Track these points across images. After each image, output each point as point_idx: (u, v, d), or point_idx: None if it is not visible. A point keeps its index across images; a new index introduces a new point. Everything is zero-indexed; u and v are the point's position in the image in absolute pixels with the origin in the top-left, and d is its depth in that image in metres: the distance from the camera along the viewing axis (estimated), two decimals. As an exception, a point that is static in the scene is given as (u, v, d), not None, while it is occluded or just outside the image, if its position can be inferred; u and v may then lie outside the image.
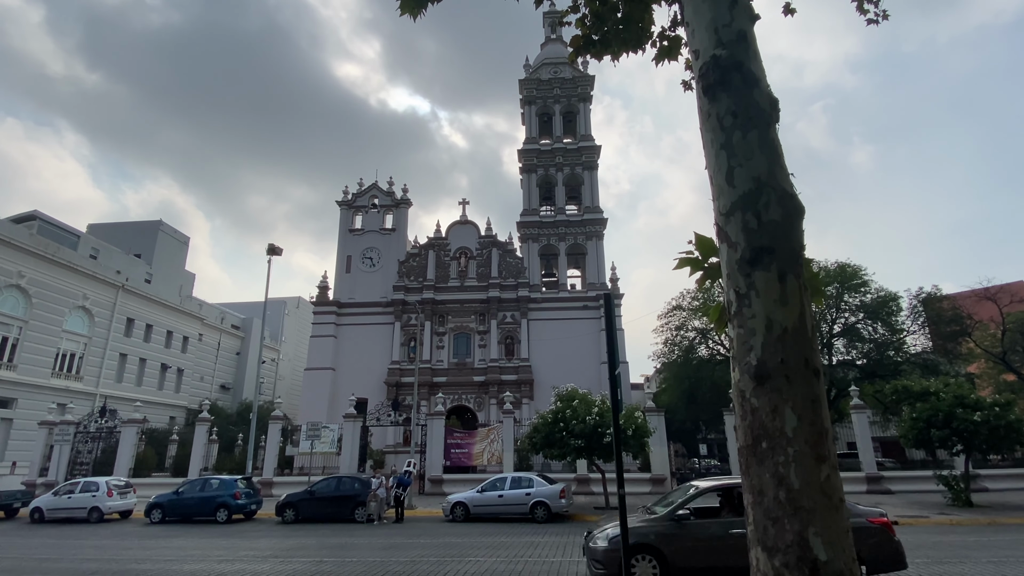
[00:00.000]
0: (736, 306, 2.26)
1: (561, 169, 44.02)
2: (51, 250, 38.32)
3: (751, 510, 2.15)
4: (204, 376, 55.56)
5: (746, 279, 2.23)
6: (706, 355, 37.45)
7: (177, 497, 20.41)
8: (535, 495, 17.73)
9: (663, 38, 3.81)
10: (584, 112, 45.47)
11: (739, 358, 2.22)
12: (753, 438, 2.14)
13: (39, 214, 43.50)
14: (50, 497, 21.28)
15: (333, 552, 13.11)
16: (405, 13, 5.23)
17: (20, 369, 35.78)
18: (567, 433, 19.67)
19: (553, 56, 47.30)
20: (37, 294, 36.99)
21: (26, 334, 36.36)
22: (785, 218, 2.26)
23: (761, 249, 2.22)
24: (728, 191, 2.34)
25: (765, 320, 2.16)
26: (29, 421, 33.77)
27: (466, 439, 28.67)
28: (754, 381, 2.15)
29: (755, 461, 2.13)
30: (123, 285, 43.96)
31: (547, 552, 12.43)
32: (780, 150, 2.40)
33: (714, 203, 2.46)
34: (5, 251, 35.10)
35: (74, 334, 40.14)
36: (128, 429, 29.15)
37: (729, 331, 2.32)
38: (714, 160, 2.43)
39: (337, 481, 20.44)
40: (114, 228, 53.31)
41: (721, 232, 2.37)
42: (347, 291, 41.98)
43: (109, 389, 41.69)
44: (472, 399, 38.82)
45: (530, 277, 41.25)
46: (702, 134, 2.54)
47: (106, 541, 15.66)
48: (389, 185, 44.90)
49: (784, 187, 2.31)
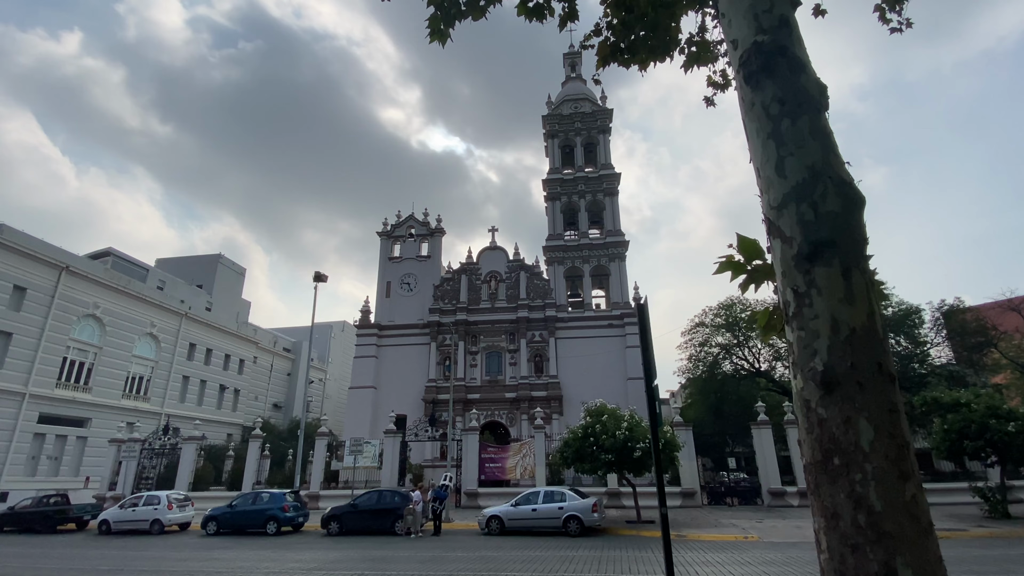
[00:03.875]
0: (795, 307, 1.91)
1: (583, 196, 43.90)
2: (123, 283, 39.76)
3: (824, 536, 1.78)
4: (258, 396, 56.39)
5: (805, 276, 1.89)
6: (730, 370, 36.18)
7: (231, 510, 20.38)
8: (568, 509, 17.05)
9: (691, 44, 3.54)
10: (604, 143, 45.41)
11: (801, 364, 1.87)
12: (823, 453, 1.78)
13: (113, 251, 45.34)
14: (116, 510, 21.53)
15: (374, 565, 12.74)
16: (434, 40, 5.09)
17: (95, 391, 36.91)
18: (597, 448, 18.97)
19: (573, 93, 47.61)
20: (110, 323, 38.31)
21: (100, 359, 37.57)
22: (845, 208, 1.93)
23: (820, 243, 1.88)
24: (779, 183, 2.02)
25: (830, 320, 1.82)
26: (101, 439, 34.65)
27: (500, 453, 28.08)
28: (821, 389, 1.80)
29: (826, 480, 1.76)
30: (186, 313, 45.23)
31: (582, 567, 11.80)
32: (833, 137, 2.08)
33: (762, 197, 2.14)
34: (83, 284, 36.56)
35: (142, 358, 41.32)
36: (188, 446, 29.53)
37: (787, 335, 1.98)
38: (761, 151, 2.11)
39: (378, 495, 20.12)
40: (179, 262, 55.19)
41: (772, 227, 2.04)
42: (387, 315, 42.28)
43: (173, 408, 42.62)
44: (504, 415, 38.28)
45: (556, 298, 40.92)
46: (745, 125, 2.23)
47: (163, 553, 15.63)
48: (424, 216, 45.45)
49: (841, 175, 1.98)
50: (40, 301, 33.75)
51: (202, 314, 47.84)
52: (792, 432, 25.69)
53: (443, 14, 4.22)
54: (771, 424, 26.12)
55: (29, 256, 33.28)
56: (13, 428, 31.64)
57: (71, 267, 35.62)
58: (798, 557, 12.37)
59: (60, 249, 35.75)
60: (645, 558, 12.69)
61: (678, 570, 11.25)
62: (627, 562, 12.23)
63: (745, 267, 2.51)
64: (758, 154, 2.13)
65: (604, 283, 42.87)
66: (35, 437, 33.27)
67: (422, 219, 45.31)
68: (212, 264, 55.14)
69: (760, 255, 2.42)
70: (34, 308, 33.37)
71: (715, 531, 16.66)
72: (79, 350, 36.32)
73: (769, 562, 11.84)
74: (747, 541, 15.10)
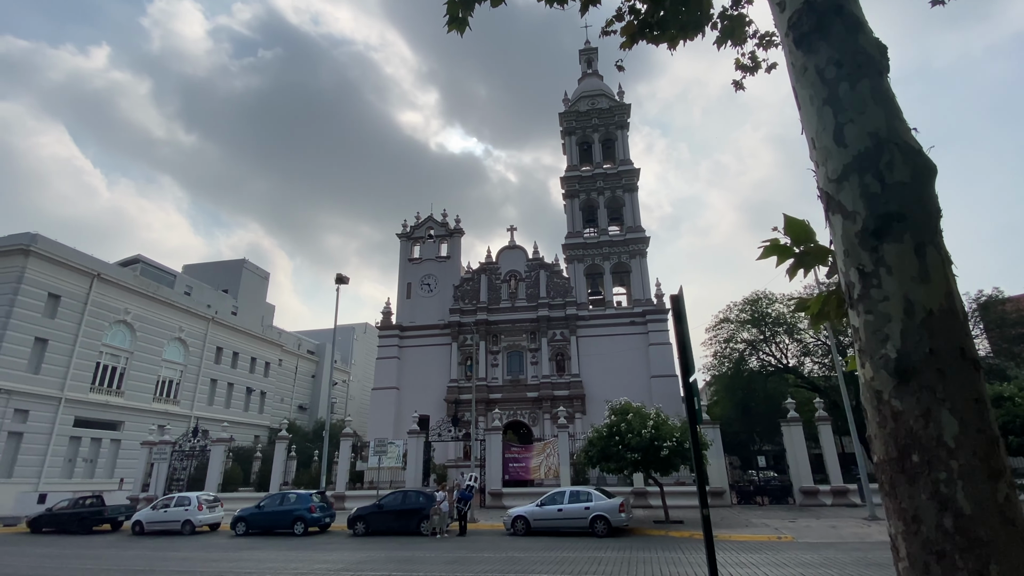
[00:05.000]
0: (860, 288, 1.73)
1: (602, 193, 43.50)
2: (152, 289, 40.73)
3: (902, 542, 1.59)
4: (284, 398, 57.26)
5: (872, 254, 1.71)
6: (757, 367, 35.41)
7: (259, 511, 20.65)
8: (594, 509, 16.82)
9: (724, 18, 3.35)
10: (622, 138, 44.92)
11: (870, 351, 1.69)
12: (899, 450, 1.59)
13: (142, 257, 46.49)
14: (149, 511, 21.99)
15: (400, 566, 12.72)
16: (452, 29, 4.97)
17: (127, 395, 37.88)
18: (623, 447, 18.70)
19: (590, 89, 47.22)
20: (141, 328, 39.27)
21: (131, 363, 38.55)
22: (914, 178, 1.74)
23: (889, 216, 1.70)
24: (838, 152, 1.84)
25: (902, 302, 1.63)
26: (134, 441, 35.55)
27: (523, 453, 27.94)
28: (895, 378, 1.61)
29: (904, 479, 1.58)
30: (213, 318, 46.14)
31: (611, 568, 11.59)
32: (896, 101, 1.89)
33: (817, 170, 1.96)
34: (114, 291, 37.55)
35: (172, 362, 42.27)
36: (217, 447, 30.07)
37: (852, 320, 1.79)
38: (816, 119, 1.93)
39: (403, 495, 20.17)
40: (204, 267, 56.33)
41: (832, 201, 1.85)
42: (408, 316, 42.51)
43: (201, 411, 43.51)
44: (527, 414, 38.15)
45: (577, 296, 40.63)
46: (796, 92, 2.05)
47: (194, 553, 15.88)
48: (443, 217, 45.60)
49: (908, 142, 1.79)
50: (73, 308, 34.75)
51: (228, 318, 48.76)
52: (824, 429, 25.01)
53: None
54: (801, 421, 25.46)
55: (62, 265, 34.30)
56: (50, 432, 32.64)
57: (102, 274, 36.60)
58: (836, 558, 11.96)
59: (91, 257, 36.77)
60: (676, 559, 12.42)
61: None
62: (658, 563, 11.98)
63: (792, 251, 2.32)
64: (812, 123, 1.95)
65: (625, 280, 42.45)
66: (71, 440, 34.27)
67: (441, 220, 45.46)
68: (237, 269, 56.17)
69: (810, 237, 2.24)
70: (68, 315, 34.38)
71: (747, 531, 16.26)
72: (111, 355, 37.32)
73: (806, 563, 11.47)
74: (781, 541, 14.69)
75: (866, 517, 18.70)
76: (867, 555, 12.28)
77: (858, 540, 14.50)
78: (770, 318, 34.00)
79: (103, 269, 37.12)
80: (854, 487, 23.40)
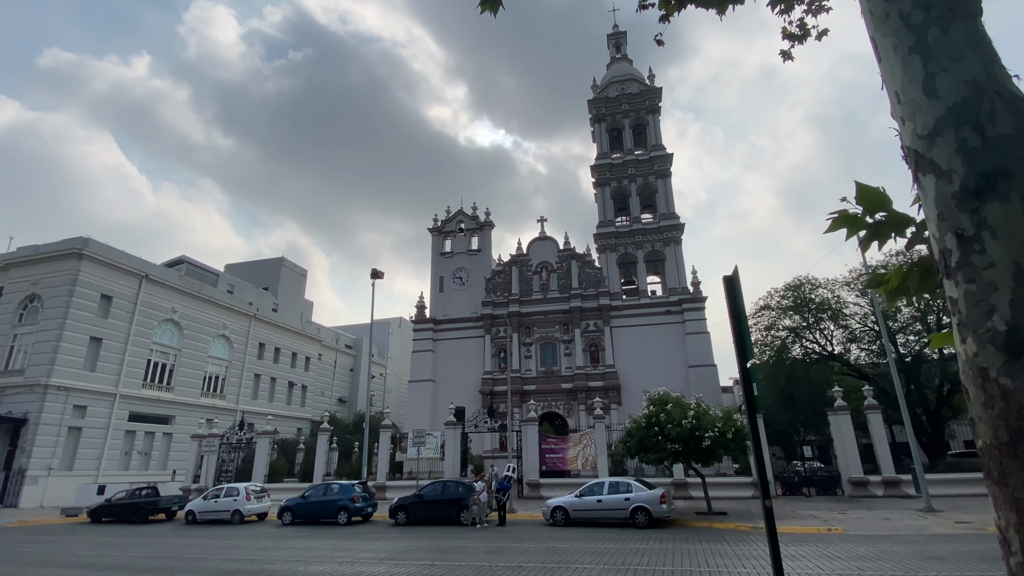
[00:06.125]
0: (959, 255, 1.55)
1: (634, 180, 42.73)
2: (197, 288, 42.28)
3: (1015, 535, 1.43)
4: (324, 391, 58.77)
5: (972, 216, 1.53)
6: (800, 354, 34.31)
7: (304, 501, 21.25)
8: (635, 500, 16.63)
9: (778, -22, 3.13)
10: (654, 123, 43.95)
11: (972, 324, 1.52)
12: (1010, 434, 1.43)
13: (186, 258, 48.28)
14: (200, 501, 22.92)
15: (442, 555, 12.86)
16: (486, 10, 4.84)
17: (176, 390, 39.53)
18: (663, 437, 18.41)
19: (619, 74, 46.33)
20: (187, 326, 40.85)
21: (180, 360, 40.18)
22: (1020, 129, 1.55)
23: (992, 173, 1.51)
24: (929, 105, 1.65)
25: (1011, 268, 1.46)
26: (184, 435, 37.14)
27: (560, 444, 27.90)
28: (1004, 353, 1.44)
29: (1016, 465, 1.42)
30: (255, 315, 47.62)
31: (655, 560, 11.43)
32: (993, 46, 1.69)
33: (902, 127, 1.77)
34: (162, 291, 39.15)
35: (217, 359, 43.88)
36: (263, 440, 31.10)
37: (948, 291, 1.62)
38: (901, 70, 1.75)
39: (443, 485, 20.42)
40: (245, 266, 58.11)
41: (922, 160, 1.67)
42: (441, 309, 42.90)
43: (246, 405, 45.07)
44: (561, 405, 38.07)
45: (610, 286, 40.17)
46: (876, 43, 1.86)
47: (244, 542, 16.45)
48: (473, 210, 45.70)
49: (1011, 89, 1.60)
50: (125, 308, 36.40)
51: (269, 315, 50.25)
52: (874, 418, 24.06)
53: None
54: (849, 410, 24.55)
55: (113, 267, 35.93)
56: (107, 426, 34.39)
57: (150, 275, 38.18)
58: (892, 551, 11.47)
59: (140, 259, 38.39)
60: (722, 551, 12.15)
61: (759, 563, 10.68)
62: (703, 555, 11.74)
63: (865, 221, 2.13)
64: (896, 75, 1.77)
65: (659, 269, 41.71)
66: (126, 434, 36.03)
67: (471, 214, 45.58)
68: (276, 267, 57.75)
69: (885, 205, 2.05)
70: (120, 315, 36.03)
71: (794, 523, 15.79)
72: (161, 352, 38.99)
73: (860, 556, 11.04)
74: (831, 533, 14.20)
75: (922, 509, 17.91)
76: (925, 548, 11.74)
77: (914, 533, 13.89)
78: (813, 304, 32.84)
79: (151, 270, 38.73)
80: (907, 478, 22.46)
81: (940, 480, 21.30)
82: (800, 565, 10.33)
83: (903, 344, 31.33)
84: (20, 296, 34.55)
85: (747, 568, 10.30)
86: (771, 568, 3.93)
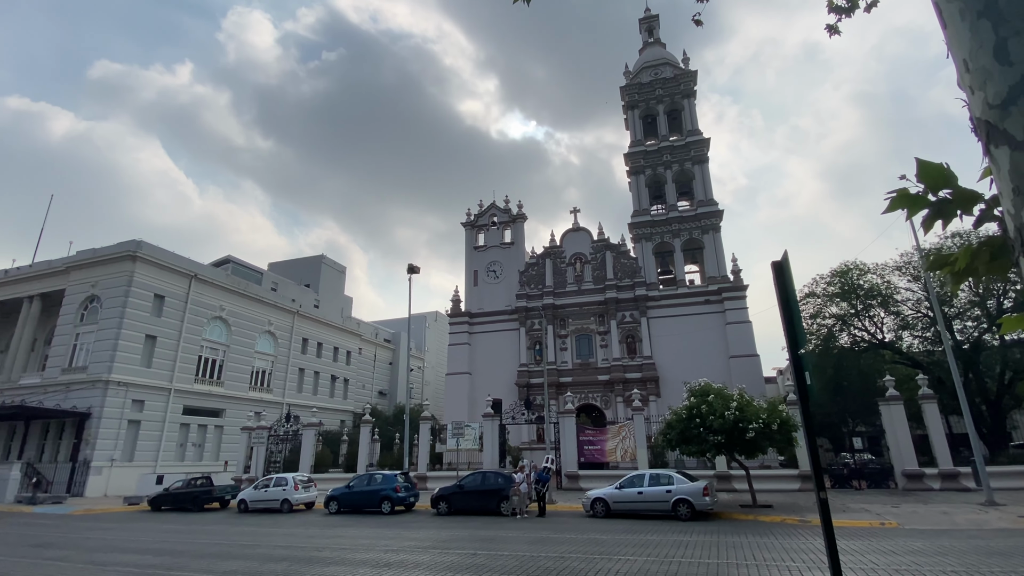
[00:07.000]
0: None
1: (669, 167, 41.83)
2: (242, 286, 43.91)
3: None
4: (365, 384, 60.23)
5: (1052, 189, 1.44)
6: (848, 343, 33.03)
7: (348, 491, 21.89)
8: (676, 492, 16.44)
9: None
10: (689, 108, 42.84)
11: (1054, 303, 1.44)
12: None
13: (232, 258, 50.19)
14: (251, 491, 23.91)
15: (484, 545, 13.04)
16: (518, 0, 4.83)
17: (226, 385, 41.24)
18: (704, 429, 18.09)
19: (652, 59, 45.32)
20: (235, 323, 42.50)
21: (229, 356, 41.87)
22: (1103, 95, 1.45)
23: (1074, 143, 1.43)
24: (1002, 72, 1.55)
25: (1096, 243, 1.37)
26: (234, 427, 38.77)
27: (598, 436, 27.79)
28: (1091, 333, 1.36)
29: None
30: (298, 311, 49.13)
31: (698, 553, 11.28)
32: (1072, 7, 1.57)
33: (971, 97, 1.67)
34: (210, 290, 40.82)
35: (263, 354, 45.51)
36: (308, 432, 32.14)
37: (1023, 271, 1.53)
38: (969, 36, 1.65)
39: (483, 476, 20.67)
40: (287, 264, 59.99)
41: (994, 131, 1.58)
42: (476, 302, 43.24)
43: (292, 398, 46.63)
44: (598, 397, 37.88)
45: (646, 276, 39.56)
46: (940, 7, 1.76)
47: (294, 530, 17.09)
48: (506, 203, 45.77)
49: (1094, 52, 1.49)
50: (176, 307, 38.14)
51: (311, 311, 51.76)
52: (929, 408, 22.99)
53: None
54: (902, 400, 23.54)
55: (165, 268, 37.66)
56: (163, 419, 36.21)
57: (199, 275, 39.85)
58: (952, 547, 10.98)
59: (189, 260, 40.09)
60: (768, 544, 11.89)
61: (808, 556, 10.41)
62: (749, 548, 11.52)
63: (927, 199, 2.03)
64: (964, 41, 1.67)
65: (698, 257, 40.84)
66: (181, 427, 37.84)
67: (504, 207, 45.67)
68: (316, 264, 59.39)
69: (950, 182, 1.94)
70: (172, 313, 37.78)
71: (844, 516, 15.29)
72: (211, 348, 40.71)
73: (917, 551, 10.61)
74: (884, 528, 13.70)
75: (982, 502, 17.05)
76: (988, 543, 11.19)
77: (975, 527, 13.25)
78: (862, 290, 31.52)
79: (200, 270, 40.41)
80: (966, 470, 21.41)
81: (1002, 472, 20.22)
82: (854, 559, 10.00)
83: (960, 331, 29.78)
84: (81, 297, 36.63)
85: (795, 562, 10.04)
86: (824, 561, 3.81)
